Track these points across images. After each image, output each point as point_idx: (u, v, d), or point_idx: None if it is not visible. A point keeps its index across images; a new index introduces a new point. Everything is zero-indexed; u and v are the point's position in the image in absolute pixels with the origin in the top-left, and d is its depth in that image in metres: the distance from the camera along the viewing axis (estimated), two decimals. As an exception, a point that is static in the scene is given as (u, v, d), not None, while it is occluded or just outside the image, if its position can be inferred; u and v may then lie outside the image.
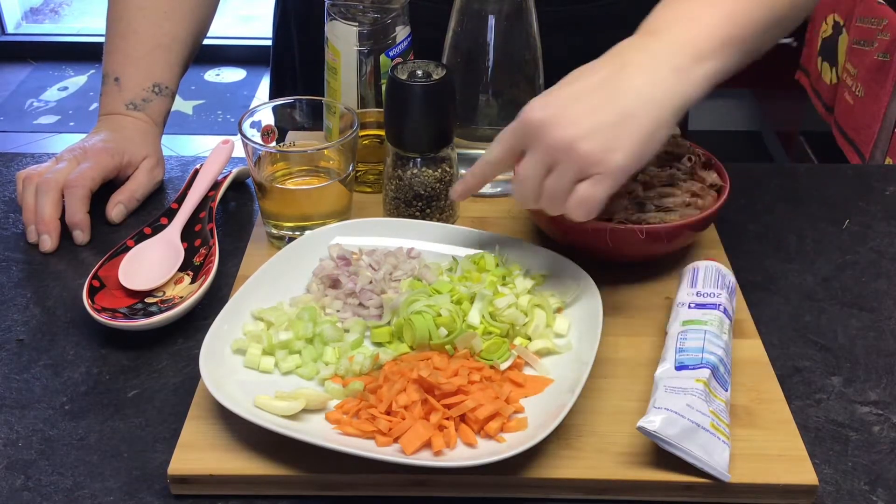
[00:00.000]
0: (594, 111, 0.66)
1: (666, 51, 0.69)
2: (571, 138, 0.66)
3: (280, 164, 0.86)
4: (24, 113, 3.22)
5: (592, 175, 0.67)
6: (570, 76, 0.70)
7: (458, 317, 0.73)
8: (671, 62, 0.68)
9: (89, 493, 0.64)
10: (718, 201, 0.82)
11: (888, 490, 0.65)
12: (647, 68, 0.68)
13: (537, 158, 0.68)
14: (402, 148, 0.85)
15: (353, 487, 0.64)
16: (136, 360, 0.75)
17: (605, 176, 0.66)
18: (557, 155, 0.67)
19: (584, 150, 0.65)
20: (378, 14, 0.90)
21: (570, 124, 0.66)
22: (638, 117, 0.67)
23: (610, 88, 0.67)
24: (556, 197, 0.68)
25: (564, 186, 0.68)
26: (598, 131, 0.66)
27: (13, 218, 0.93)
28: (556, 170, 0.67)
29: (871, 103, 1.89)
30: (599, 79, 0.68)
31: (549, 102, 0.68)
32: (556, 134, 0.66)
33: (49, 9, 3.87)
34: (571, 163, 0.66)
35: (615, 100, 0.67)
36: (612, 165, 0.66)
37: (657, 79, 0.68)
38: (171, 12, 1.01)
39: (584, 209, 0.68)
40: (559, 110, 0.67)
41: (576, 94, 0.68)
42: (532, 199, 0.70)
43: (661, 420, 0.62)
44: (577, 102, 0.67)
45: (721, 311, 0.72)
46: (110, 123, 0.98)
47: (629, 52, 0.70)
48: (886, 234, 0.92)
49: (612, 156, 0.66)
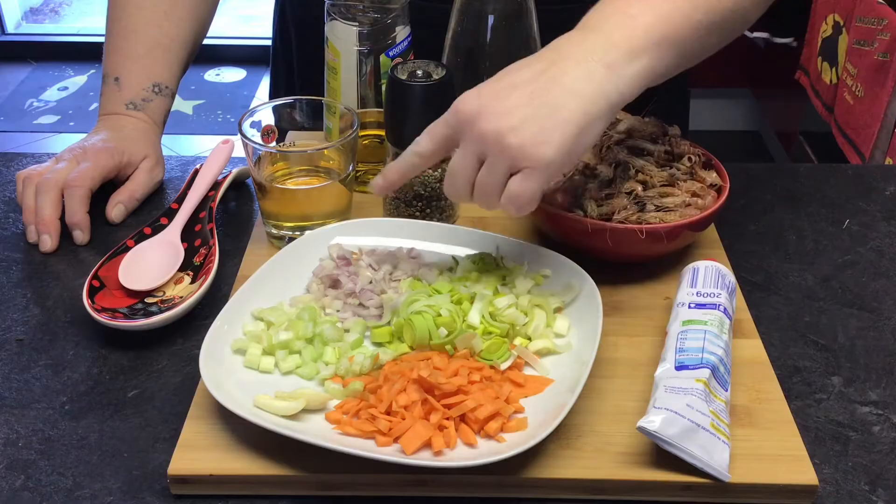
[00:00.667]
0: (525, 104, 0.66)
1: (599, 46, 0.68)
2: (501, 130, 0.65)
3: (280, 164, 0.86)
4: (24, 113, 3.22)
5: (523, 169, 0.66)
6: (506, 69, 0.70)
7: (458, 317, 0.73)
8: (604, 58, 0.68)
9: (89, 493, 0.64)
10: (718, 201, 0.82)
11: (888, 490, 0.65)
12: (580, 63, 0.68)
13: (468, 150, 0.68)
14: (402, 148, 0.84)
15: (353, 487, 0.64)
16: (136, 360, 0.75)
17: (535, 170, 0.66)
18: (487, 147, 0.66)
19: (512, 143, 0.65)
20: (378, 14, 0.90)
21: (500, 116, 0.66)
22: (568, 111, 0.66)
23: (542, 82, 0.67)
24: (487, 192, 0.68)
25: (496, 181, 0.67)
26: (527, 124, 0.65)
27: (13, 218, 0.93)
28: (486, 163, 0.67)
29: (871, 103, 1.88)
30: (533, 72, 0.68)
31: (482, 94, 0.68)
32: (485, 125, 0.66)
33: (49, 9, 3.87)
34: (501, 156, 0.66)
35: (546, 93, 0.66)
36: (541, 159, 0.66)
37: (588, 73, 0.67)
38: (170, 12, 1.01)
39: (517, 204, 0.67)
40: (491, 102, 0.67)
41: (509, 87, 0.67)
42: (464, 193, 0.69)
43: (661, 420, 0.62)
44: (509, 95, 0.67)
45: (721, 311, 0.72)
46: (110, 123, 0.98)
47: (565, 46, 0.70)
48: (886, 234, 0.92)
49: (542, 149, 0.65)
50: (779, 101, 2.79)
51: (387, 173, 0.75)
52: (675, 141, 0.86)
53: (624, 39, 0.69)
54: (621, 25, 0.69)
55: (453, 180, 0.69)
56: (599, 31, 0.69)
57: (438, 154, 0.71)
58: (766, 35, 2.55)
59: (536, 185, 0.67)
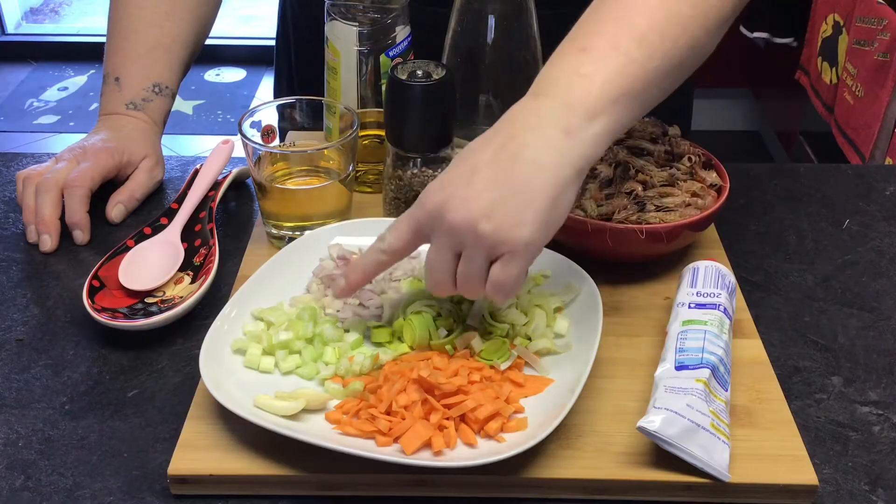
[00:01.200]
0: (490, 186, 0.62)
1: (554, 112, 0.65)
2: (471, 218, 0.62)
3: (280, 164, 0.86)
4: (24, 113, 3.22)
5: (502, 255, 0.63)
6: (464, 151, 0.66)
7: (457, 317, 0.73)
8: (560, 124, 0.64)
9: (89, 493, 0.64)
10: (718, 201, 0.82)
11: (888, 490, 0.65)
12: (537, 133, 0.64)
13: (442, 244, 0.65)
14: (402, 148, 0.85)
15: (353, 487, 0.64)
16: (136, 360, 0.75)
17: (515, 254, 0.63)
18: (461, 238, 0.63)
19: (486, 230, 0.62)
20: (378, 14, 0.90)
21: (467, 203, 0.62)
22: (535, 187, 0.62)
23: (503, 160, 0.63)
24: (470, 284, 0.65)
25: (477, 271, 0.64)
26: (497, 207, 0.62)
27: (13, 218, 0.93)
28: (464, 255, 0.64)
29: (871, 103, 1.89)
30: (492, 151, 0.64)
31: (445, 184, 0.64)
32: (454, 216, 0.63)
33: (49, 9, 3.87)
34: (477, 245, 0.63)
35: (509, 172, 0.63)
36: (518, 242, 0.62)
37: (548, 143, 0.64)
38: (171, 12, 1.01)
39: (502, 293, 0.64)
40: (456, 190, 0.63)
41: (471, 171, 0.64)
42: (447, 287, 0.66)
43: (661, 420, 0.62)
44: (473, 180, 0.63)
45: (721, 311, 0.72)
46: (110, 123, 0.98)
47: (519, 117, 0.66)
48: (886, 234, 0.92)
49: (517, 231, 0.62)
50: (779, 101, 2.79)
51: (349, 275, 0.71)
52: (675, 141, 0.86)
53: (579, 102, 0.64)
54: (575, 87, 0.65)
55: (434, 276, 0.66)
56: (552, 96, 0.66)
57: (407, 250, 0.68)
58: (766, 35, 2.55)
59: (519, 268, 0.64)
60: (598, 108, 0.65)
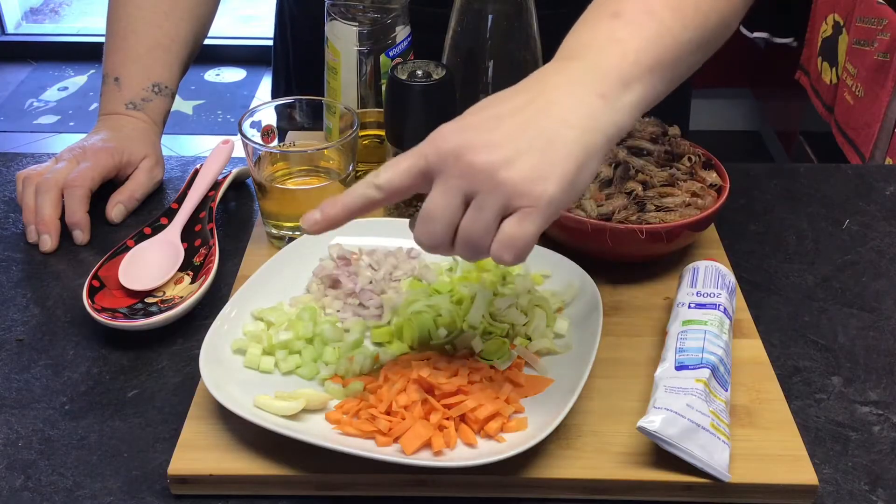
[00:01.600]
0: (517, 135, 0.57)
1: (590, 76, 0.60)
2: (493, 163, 0.56)
3: (280, 164, 0.86)
4: (24, 113, 3.22)
5: (519, 209, 0.57)
6: (483, 101, 0.61)
7: (458, 317, 0.73)
8: (597, 88, 0.60)
9: (89, 493, 0.64)
10: (718, 201, 0.82)
11: (888, 490, 0.65)
12: (572, 94, 0.59)
13: (450, 188, 0.57)
14: (402, 148, 0.85)
15: (353, 487, 0.64)
16: (136, 360, 0.75)
17: (535, 210, 0.56)
18: (476, 184, 0.57)
19: (508, 178, 0.56)
20: (378, 14, 0.90)
21: (491, 148, 0.56)
22: (567, 143, 0.57)
23: (533, 112, 0.58)
24: (475, 237, 0.58)
25: (486, 224, 0.57)
26: (523, 157, 0.56)
27: (13, 218, 0.93)
28: (474, 204, 0.57)
29: (871, 103, 1.89)
30: (520, 102, 0.59)
31: (465, 126, 0.58)
32: (475, 158, 0.56)
33: (49, 9, 3.87)
34: (494, 193, 0.56)
35: (540, 124, 0.58)
36: (542, 196, 0.56)
37: (581, 104, 0.59)
38: (170, 12, 1.01)
39: (513, 251, 0.57)
40: (477, 134, 0.57)
41: (495, 118, 0.58)
42: (444, 240, 0.59)
43: (661, 420, 0.62)
44: (497, 126, 0.58)
45: (721, 311, 0.72)
46: (110, 123, 0.98)
47: (549, 76, 0.61)
48: (886, 234, 0.92)
49: (542, 185, 0.56)
50: (779, 101, 2.79)
51: (327, 209, 0.62)
52: (675, 141, 0.86)
53: (614, 67, 0.61)
54: (609, 52, 0.61)
55: (430, 226, 0.59)
56: (586, 60, 0.62)
57: (404, 190, 0.60)
58: (766, 35, 2.55)
59: (536, 227, 0.57)
60: (634, 76, 0.61)
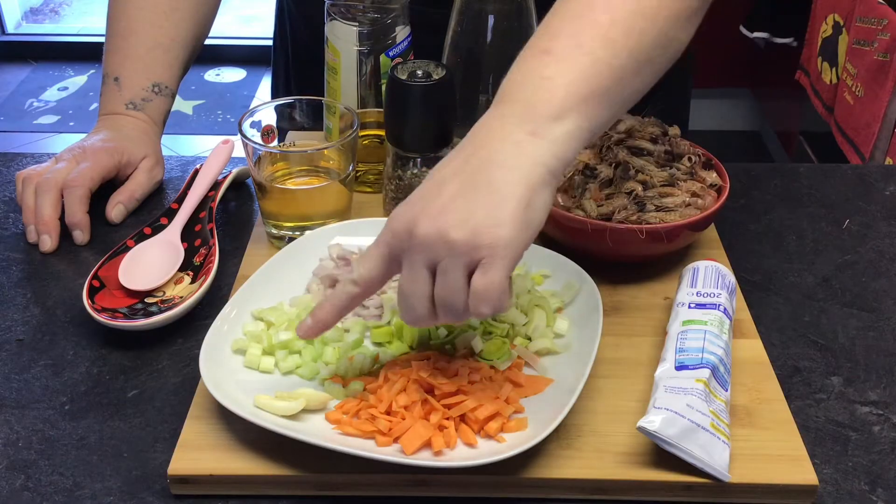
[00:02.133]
0: (461, 193, 0.59)
1: (518, 117, 0.62)
2: (442, 228, 0.58)
3: (280, 164, 0.86)
4: (24, 113, 3.22)
5: (481, 260, 0.58)
6: (430, 172, 0.63)
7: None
8: (526, 127, 0.61)
9: (89, 493, 0.64)
10: (718, 201, 0.82)
11: (888, 490, 0.65)
12: (505, 138, 0.61)
13: (414, 263, 0.60)
14: (402, 148, 0.85)
15: (353, 487, 0.64)
16: (136, 360, 0.75)
17: (495, 257, 0.58)
18: (434, 252, 0.59)
19: (460, 237, 0.58)
20: (378, 14, 0.90)
21: (437, 215, 0.59)
22: (508, 185, 0.59)
23: (473, 167, 0.61)
24: (451, 301, 0.60)
25: (455, 286, 0.59)
26: (468, 213, 0.58)
27: (13, 218, 0.93)
28: (439, 271, 0.60)
29: (871, 103, 1.89)
30: (460, 162, 0.62)
31: (412, 202, 0.61)
32: (424, 230, 0.59)
33: (49, 9, 3.87)
34: (452, 255, 0.58)
35: (478, 177, 0.60)
36: (497, 243, 0.58)
37: (516, 146, 0.61)
38: (171, 12, 1.01)
39: (489, 303, 0.59)
40: (424, 204, 0.60)
41: (437, 186, 0.61)
42: (425, 313, 0.61)
43: (661, 420, 0.62)
44: (441, 192, 0.60)
45: (721, 311, 0.72)
46: (110, 123, 0.98)
47: (483, 129, 0.63)
48: (886, 234, 0.92)
49: (494, 232, 0.58)
50: (779, 101, 2.79)
51: (317, 313, 0.65)
52: (675, 141, 0.86)
53: (543, 103, 0.62)
54: (538, 90, 0.62)
55: (409, 302, 0.61)
56: (516, 101, 0.63)
57: (380, 280, 0.63)
58: (766, 35, 2.55)
59: (502, 273, 0.58)
60: (565, 108, 0.62)
